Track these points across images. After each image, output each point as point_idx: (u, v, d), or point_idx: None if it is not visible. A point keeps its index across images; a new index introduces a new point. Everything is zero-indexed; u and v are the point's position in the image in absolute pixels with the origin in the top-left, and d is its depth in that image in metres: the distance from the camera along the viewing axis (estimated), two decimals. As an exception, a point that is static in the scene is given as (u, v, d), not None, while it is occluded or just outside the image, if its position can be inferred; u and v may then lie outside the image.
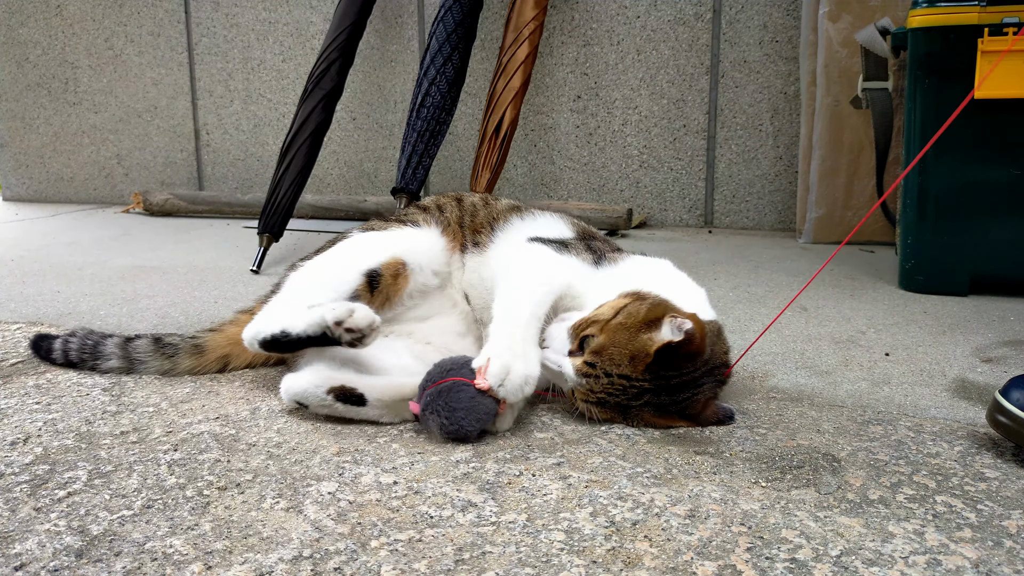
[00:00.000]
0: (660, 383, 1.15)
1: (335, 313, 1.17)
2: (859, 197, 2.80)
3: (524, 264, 1.32)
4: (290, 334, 1.21)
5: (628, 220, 3.02)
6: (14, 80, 4.13)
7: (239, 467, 1.06)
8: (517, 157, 3.40)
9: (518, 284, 1.26)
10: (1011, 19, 1.86)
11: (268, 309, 1.29)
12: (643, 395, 1.16)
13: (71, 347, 1.43)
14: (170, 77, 3.87)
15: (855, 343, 1.65)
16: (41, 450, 1.11)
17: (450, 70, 2.82)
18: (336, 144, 3.65)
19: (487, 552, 0.86)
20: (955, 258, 2.03)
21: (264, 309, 1.30)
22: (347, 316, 1.17)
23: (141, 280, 2.24)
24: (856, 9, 2.69)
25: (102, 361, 1.41)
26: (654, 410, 1.18)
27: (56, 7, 3.99)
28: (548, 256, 1.34)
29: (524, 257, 1.34)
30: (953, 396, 1.36)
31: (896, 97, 2.45)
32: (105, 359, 1.41)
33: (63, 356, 1.44)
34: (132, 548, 0.86)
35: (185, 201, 3.53)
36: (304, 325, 1.20)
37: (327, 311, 1.18)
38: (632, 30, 3.19)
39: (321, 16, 3.58)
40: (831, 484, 1.02)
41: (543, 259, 1.33)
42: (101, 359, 1.41)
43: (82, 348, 1.42)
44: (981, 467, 1.07)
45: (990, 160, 1.97)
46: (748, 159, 3.14)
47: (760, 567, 0.83)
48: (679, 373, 1.15)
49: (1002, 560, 0.85)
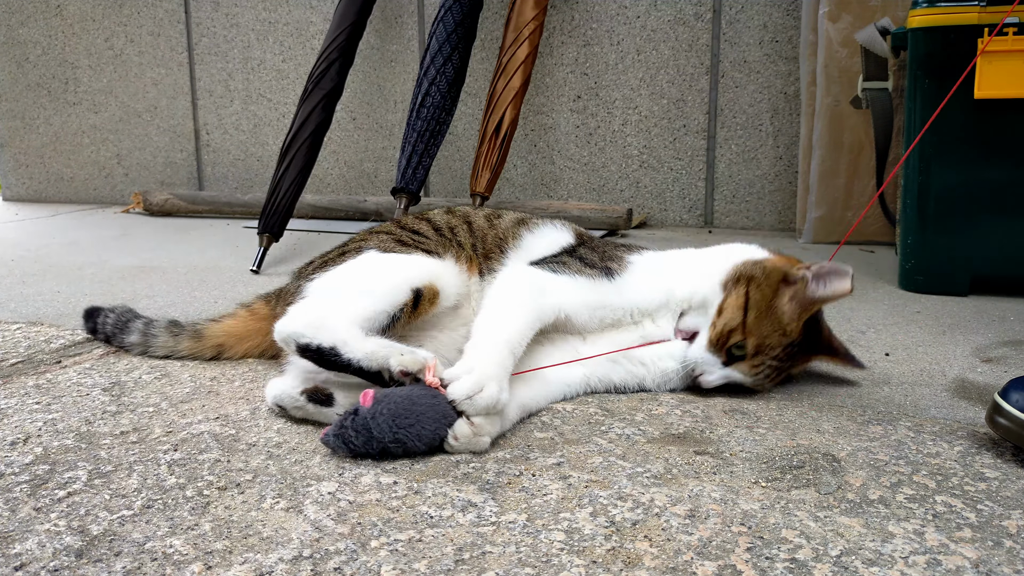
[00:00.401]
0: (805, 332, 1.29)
1: (402, 361, 1.10)
2: (859, 197, 2.80)
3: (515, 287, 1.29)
4: (341, 355, 1.13)
5: (628, 220, 3.02)
6: (14, 80, 4.13)
7: (239, 467, 1.06)
8: (517, 157, 3.41)
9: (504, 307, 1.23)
10: (1011, 19, 1.86)
11: (310, 307, 1.21)
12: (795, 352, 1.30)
13: (109, 320, 1.55)
14: (170, 77, 3.87)
15: (855, 343, 1.65)
16: (41, 450, 1.11)
17: (450, 70, 2.82)
18: (336, 144, 3.65)
19: (487, 552, 0.86)
20: (955, 258, 2.03)
21: (303, 304, 1.22)
22: (417, 369, 1.10)
23: (141, 280, 2.24)
24: (856, 9, 2.69)
25: (126, 335, 1.52)
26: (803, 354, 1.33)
27: (56, 7, 3.99)
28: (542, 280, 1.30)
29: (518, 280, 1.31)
30: (953, 396, 1.36)
31: (896, 97, 2.45)
32: (128, 333, 1.51)
33: (102, 328, 1.56)
34: (132, 548, 0.86)
35: (185, 201, 3.53)
36: (362, 355, 1.12)
37: (393, 355, 1.11)
38: (632, 30, 3.19)
39: (321, 16, 3.58)
40: (831, 484, 1.02)
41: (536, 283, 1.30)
42: (126, 333, 1.52)
43: (116, 322, 1.54)
44: (981, 467, 1.07)
45: (990, 160, 1.97)
46: (748, 159, 3.14)
47: (760, 567, 0.83)
48: (813, 321, 1.30)
49: (1002, 560, 0.85)
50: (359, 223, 3.21)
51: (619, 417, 1.23)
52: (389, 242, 1.40)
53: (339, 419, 1.07)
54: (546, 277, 1.31)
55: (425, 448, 1.07)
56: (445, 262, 1.36)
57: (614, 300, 1.32)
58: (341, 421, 1.07)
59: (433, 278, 1.30)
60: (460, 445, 1.08)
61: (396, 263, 1.32)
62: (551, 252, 1.43)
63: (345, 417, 1.07)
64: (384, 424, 1.05)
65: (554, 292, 1.28)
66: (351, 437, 1.05)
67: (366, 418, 1.05)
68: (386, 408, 1.05)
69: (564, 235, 1.49)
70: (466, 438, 1.08)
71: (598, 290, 1.32)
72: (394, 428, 1.05)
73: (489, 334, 1.17)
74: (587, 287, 1.31)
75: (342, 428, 1.06)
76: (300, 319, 1.18)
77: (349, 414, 1.07)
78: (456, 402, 1.07)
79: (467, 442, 1.08)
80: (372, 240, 1.42)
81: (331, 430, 1.07)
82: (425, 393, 1.09)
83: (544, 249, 1.44)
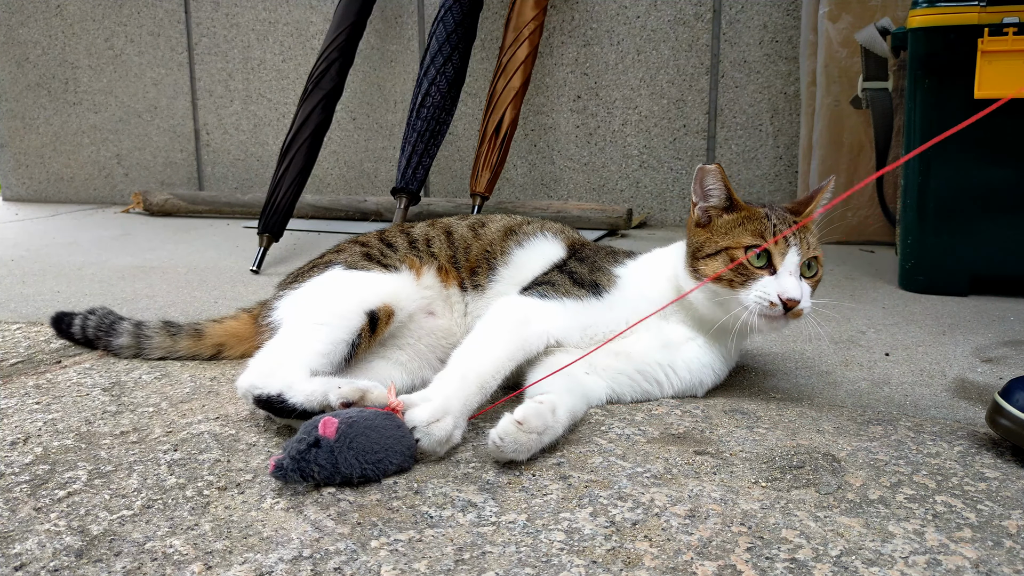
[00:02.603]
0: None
1: (340, 393, 1.08)
2: (859, 197, 2.80)
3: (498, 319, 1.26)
4: (287, 402, 1.12)
5: (628, 220, 3.02)
6: (14, 80, 4.13)
7: (239, 467, 1.06)
8: (517, 157, 3.40)
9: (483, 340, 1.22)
10: (1011, 19, 1.86)
11: (266, 356, 1.21)
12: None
13: (89, 324, 1.53)
14: (170, 77, 3.87)
15: (855, 343, 1.65)
16: (41, 450, 1.11)
17: (450, 70, 2.82)
18: (336, 144, 3.65)
19: (487, 552, 0.86)
20: (955, 258, 2.03)
21: (261, 355, 1.22)
22: (357, 398, 1.08)
23: (141, 280, 2.24)
24: (856, 9, 2.69)
25: (114, 338, 1.50)
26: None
27: (56, 7, 3.99)
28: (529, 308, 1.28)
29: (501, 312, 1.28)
30: (953, 396, 1.36)
31: (896, 97, 2.45)
32: (117, 335, 1.50)
33: (81, 332, 1.53)
34: (132, 548, 0.86)
35: (185, 201, 3.53)
36: (303, 398, 1.11)
37: (332, 390, 1.09)
38: (632, 30, 3.19)
39: (321, 16, 3.58)
40: (831, 484, 1.02)
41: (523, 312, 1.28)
42: (114, 335, 1.50)
43: (99, 326, 1.52)
44: (981, 467, 1.07)
45: (990, 160, 1.97)
46: (748, 159, 3.14)
47: (760, 567, 0.83)
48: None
49: (1002, 560, 0.85)
50: (359, 223, 3.21)
51: (619, 417, 1.23)
52: (356, 257, 1.39)
53: (295, 448, 1.00)
54: (531, 306, 1.28)
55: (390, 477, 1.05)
56: (400, 276, 1.35)
57: (605, 316, 1.30)
58: (300, 452, 0.99)
59: (386, 297, 1.29)
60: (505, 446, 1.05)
61: (352, 285, 1.31)
62: (541, 270, 1.40)
63: (305, 449, 0.99)
64: (352, 459, 1.00)
65: (540, 320, 1.26)
66: (313, 472, 0.99)
67: (331, 451, 1.00)
68: (353, 442, 1.01)
69: (555, 248, 1.45)
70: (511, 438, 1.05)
71: (587, 310, 1.30)
72: (362, 463, 1.01)
73: (461, 367, 1.16)
74: (575, 309, 1.29)
75: (302, 460, 0.99)
76: (255, 371, 1.17)
77: (309, 444, 0.99)
78: (414, 429, 1.06)
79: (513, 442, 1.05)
80: (343, 254, 1.41)
81: (286, 461, 0.99)
82: (390, 424, 1.05)
83: (534, 267, 1.41)
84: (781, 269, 1.22)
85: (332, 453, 0.99)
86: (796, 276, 1.21)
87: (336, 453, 0.99)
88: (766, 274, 1.22)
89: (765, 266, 1.22)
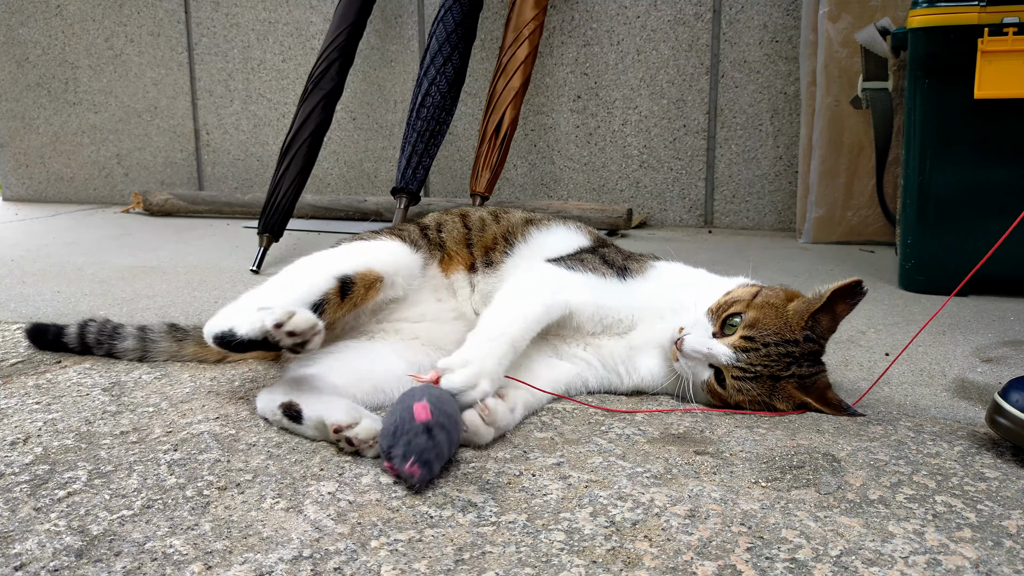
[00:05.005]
0: (806, 348, 1.22)
1: (274, 316, 1.10)
2: (859, 197, 2.80)
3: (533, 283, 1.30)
4: (235, 335, 1.14)
5: (628, 220, 3.02)
6: (14, 80, 4.13)
7: (239, 467, 1.06)
8: (517, 157, 3.41)
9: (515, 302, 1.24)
10: (1011, 19, 1.86)
11: (231, 305, 1.23)
12: (791, 364, 1.21)
13: (89, 331, 1.49)
14: (170, 77, 3.87)
15: (855, 343, 1.65)
16: (41, 450, 1.11)
17: (450, 70, 2.82)
18: (336, 144, 3.65)
19: (487, 552, 0.86)
20: (955, 258, 2.03)
21: (228, 305, 1.24)
22: (286, 319, 1.10)
23: (141, 280, 2.24)
24: (856, 9, 2.69)
25: (119, 342, 1.48)
26: (797, 382, 1.23)
27: (56, 7, 3.99)
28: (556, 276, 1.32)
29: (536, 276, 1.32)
30: (953, 396, 1.36)
31: (896, 97, 2.45)
32: (122, 339, 1.48)
33: (78, 341, 1.50)
34: (132, 548, 0.86)
35: (185, 201, 3.53)
36: (247, 328, 1.13)
37: (267, 315, 1.11)
38: (632, 30, 3.19)
39: (321, 16, 3.58)
40: (831, 484, 1.02)
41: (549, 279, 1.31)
42: (118, 339, 1.48)
43: (100, 331, 1.49)
44: (981, 467, 1.07)
45: (990, 160, 1.97)
46: (748, 159, 3.15)
47: (760, 567, 0.83)
48: (819, 340, 1.24)
49: (1002, 560, 0.85)
50: (359, 223, 3.21)
51: (619, 417, 1.23)
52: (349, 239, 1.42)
53: (405, 442, 0.97)
54: (562, 274, 1.32)
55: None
56: (406, 247, 1.37)
57: (620, 301, 1.32)
58: (419, 444, 0.97)
59: (372, 264, 1.30)
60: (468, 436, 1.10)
61: (333, 255, 1.33)
62: (567, 251, 1.42)
63: (414, 435, 0.97)
64: (444, 444, 1.00)
65: (566, 289, 1.29)
66: (432, 460, 0.98)
67: (437, 436, 0.98)
68: (442, 422, 1.00)
69: (579, 237, 1.48)
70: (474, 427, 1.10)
71: (608, 289, 1.33)
72: (450, 446, 1.02)
73: (493, 327, 1.18)
74: (595, 284, 1.32)
75: (423, 452, 0.97)
76: (218, 315, 1.20)
77: (417, 432, 0.97)
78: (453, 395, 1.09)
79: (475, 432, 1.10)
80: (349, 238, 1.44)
81: (414, 459, 0.96)
82: (451, 398, 1.07)
83: (557, 246, 1.44)
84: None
85: (438, 440, 0.99)
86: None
87: (442, 439, 1.00)
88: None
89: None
